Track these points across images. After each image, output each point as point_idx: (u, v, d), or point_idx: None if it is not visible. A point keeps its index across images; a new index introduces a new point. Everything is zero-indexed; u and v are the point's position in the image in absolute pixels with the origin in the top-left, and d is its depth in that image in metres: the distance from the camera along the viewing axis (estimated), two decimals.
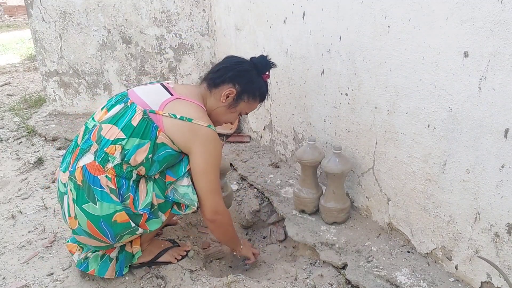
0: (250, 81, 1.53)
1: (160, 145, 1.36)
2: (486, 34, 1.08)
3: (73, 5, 3.13)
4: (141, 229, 1.39)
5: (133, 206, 1.37)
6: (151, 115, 1.36)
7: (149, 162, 1.36)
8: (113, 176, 1.35)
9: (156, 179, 1.42)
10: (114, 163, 1.34)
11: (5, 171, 2.58)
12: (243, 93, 1.53)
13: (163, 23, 3.17)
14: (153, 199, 1.40)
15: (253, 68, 1.55)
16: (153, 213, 1.42)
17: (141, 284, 1.50)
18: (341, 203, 1.69)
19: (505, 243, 1.17)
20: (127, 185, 1.36)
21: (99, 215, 1.34)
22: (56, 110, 3.48)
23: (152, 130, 1.35)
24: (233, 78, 1.51)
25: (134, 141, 1.34)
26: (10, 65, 6.00)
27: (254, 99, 1.57)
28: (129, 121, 1.36)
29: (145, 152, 1.35)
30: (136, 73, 3.32)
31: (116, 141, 1.35)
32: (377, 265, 1.47)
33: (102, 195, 1.33)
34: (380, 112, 1.52)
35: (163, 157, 1.38)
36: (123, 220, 1.34)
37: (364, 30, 1.51)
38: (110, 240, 1.39)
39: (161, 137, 1.36)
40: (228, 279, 1.50)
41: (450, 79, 1.21)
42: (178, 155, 1.41)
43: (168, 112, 1.37)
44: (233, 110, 1.56)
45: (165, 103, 1.39)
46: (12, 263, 1.65)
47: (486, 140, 1.15)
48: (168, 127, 1.36)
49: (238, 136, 2.82)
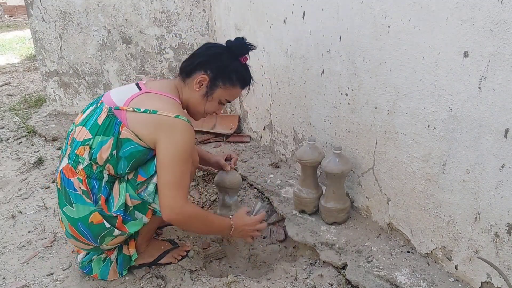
0: (222, 65, 1.43)
1: (124, 141, 1.31)
2: (486, 34, 1.08)
3: (73, 5, 3.13)
4: (118, 230, 1.37)
5: (106, 207, 1.35)
6: (116, 112, 1.33)
7: (114, 159, 1.33)
8: (84, 178, 1.35)
9: (129, 179, 1.37)
10: (84, 164, 1.34)
11: (5, 171, 2.59)
12: (216, 78, 1.43)
13: (163, 23, 3.17)
14: (127, 200, 1.36)
15: (226, 51, 1.46)
16: (129, 215, 1.38)
17: (141, 284, 1.50)
18: (341, 203, 1.69)
19: (505, 243, 1.17)
20: (99, 186, 1.36)
21: (76, 218, 1.35)
22: (56, 110, 3.48)
23: (115, 126, 1.31)
24: (204, 64, 1.43)
25: (98, 139, 1.32)
26: (10, 65, 6.00)
27: (232, 84, 1.46)
28: (95, 120, 1.35)
29: (109, 148, 1.31)
30: (136, 73, 3.32)
31: (84, 141, 1.34)
32: (377, 265, 1.47)
33: (76, 197, 1.34)
34: (380, 112, 1.52)
35: (129, 153, 1.33)
36: (98, 221, 1.35)
37: (364, 30, 1.51)
38: (92, 242, 1.39)
39: (125, 132, 1.31)
40: (228, 279, 1.50)
41: (450, 79, 1.21)
42: (146, 151, 1.34)
43: (132, 107, 1.32)
44: (210, 98, 1.46)
45: (131, 98, 1.35)
46: (12, 263, 1.65)
47: (486, 140, 1.15)
48: (132, 122, 1.31)
49: (238, 136, 2.82)
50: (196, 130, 2.95)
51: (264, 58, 2.32)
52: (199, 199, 2.16)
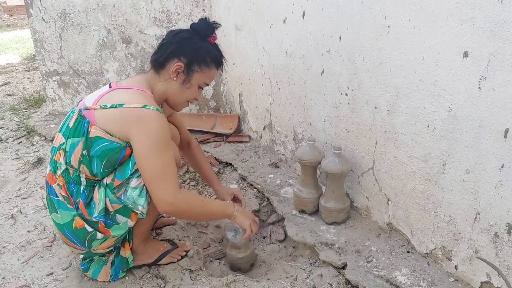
0: (194, 49, 1.40)
1: (94, 140, 1.29)
2: (486, 34, 1.08)
3: (73, 5, 3.12)
4: (101, 234, 1.36)
5: (86, 212, 1.35)
6: (85, 113, 1.31)
7: (87, 159, 1.31)
8: (63, 183, 1.35)
9: (107, 184, 1.34)
10: (62, 169, 1.34)
11: (5, 170, 2.58)
12: (192, 63, 1.40)
13: (163, 23, 3.17)
14: (107, 205, 1.34)
15: (194, 34, 1.42)
16: (111, 219, 1.37)
17: (141, 284, 1.50)
18: (341, 203, 1.69)
19: (505, 243, 1.18)
20: (77, 191, 1.35)
21: (62, 224, 1.37)
22: (56, 110, 3.48)
23: (84, 126, 1.30)
24: (176, 52, 1.39)
25: (70, 142, 1.32)
26: (10, 65, 5.99)
27: (207, 66, 1.43)
28: (67, 124, 1.35)
29: (80, 149, 1.31)
30: (136, 73, 3.32)
31: (60, 146, 1.34)
32: (376, 265, 1.47)
33: (59, 204, 1.35)
34: (380, 112, 1.52)
35: (100, 151, 1.29)
36: (80, 225, 1.35)
37: (364, 30, 1.51)
38: (81, 246, 1.40)
39: (94, 130, 1.28)
40: (228, 279, 1.50)
41: (450, 79, 1.21)
42: (118, 148, 1.30)
43: (100, 104, 1.30)
44: (188, 85, 1.43)
45: (100, 96, 1.33)
46: (12, 263, 1.65)
47: (486, 140, 1.15)
48: (100, 119, 1.29)
49: (238, 136, 2.82)
50: (196, 130, 2.96)
51: (264, 58, 2.32)
52: None
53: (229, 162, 2.45)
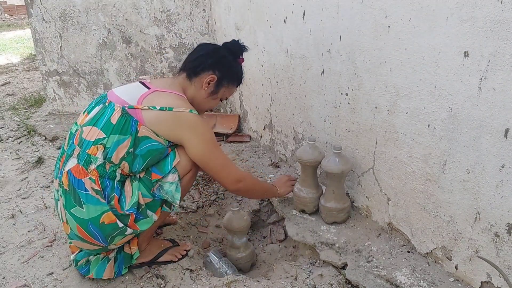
0: (229, 67, 1.56)
1: (142, 139, 1.36)
2: (486, 34, 1.08)
3: (73, 5, 3.13)
4: (130, 229, 1.39)
5: (119, 207, 1.37)
6: (130, 111, 1.36)
7: (131, 157, 1.35)
8: (97, 177, 1.35)
9: (141, 178, 1.41)
10: (97, 163, 1.35)
11: (5, 170, 2.59)
12: (223, 79, 1.54)
13: (163, 23, 3.17)
14: (139, 199, 1.39)
15: (229, 53, 1.57)
16: (141, 213, 1.41)
17: (141, 283, 1.51)
18: (341, 203, 1.69)
19: (505, 243, 1.17)
20: (111, 186, 1.37)
21: (87, 218, 1.35)
22: (56, 109, 3.48)
23: (132, 125, 1.35)
24: (213, 65, 1.52)
25: (114, 138, 1.34)
26: (10, 65, 6.00)
27: (233, 84, 1.60)
28: (108, 119, 1.36)
29: (126, 147, 1.34)
30: (136, 73, 3.32)
31: (97, 141, 1.35)
32: (377, 265, 1.47)
33: (87, 198, 1.34)
34: (380, 112, 1.52)
35: (146, 150, 1.37)
36: (110, 221, 1.35)
37: (364, 30, 1.51)
38: (101, 242, 1.39)
39: (143, 130, 1.36)
40: (228, 279, 1.50)
41: (450, 79, 1.21)
42: (163, 149, 1.41)
43: (147, 105, 1.37)
44: (214, 96, 1.57)
45: (143, 97, 1.39)
46: (12, 263, 1.65)
47: (486, 140, 1.15)
48: (149, 120, 1.36)
49: (238, 136, 2.82)
50: None
51: (264, 57, 2.32)
52: (199, 199, 2.16)
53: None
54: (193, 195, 2.19)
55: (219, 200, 2.18)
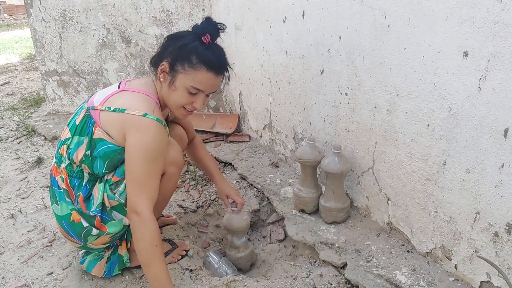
0: (180, 47, 1.29)
1: (97, 141, 1.30)
2: (486, 33, 1.08)
3: (73, 5, 3.12)
4: (96, 229, 1.37)
5: (84, 206, 1.36)
6: (91, 112, 1.32)
7: (89, 159, 1.33)
8: (66, 176, 1.37)
9: (107, 179, 1.37)
10: (66, 163, 1.36)
11: (4, 170, 2.58)
12: (174, 63, 1.29)
13: (163, 23, 3.17)
14: (105, 200, 1.36)
15: (189, 33, 1.32)
16: (107, 215, 1.38)
17: (141, 283, 1.50)
18: (340, 203, 1.69)
19: (505, 242, 1.18)
20: (79, 185, 1.37)
21: (61, 215, 1.38)
22: (56, 109, 3.48)
23: (89, 126, 1.32)
24: (164, 51, 1.32)
25: (75, 139, 1.34)
26: (9, 65, 5.99)
27: (192, 67, 1.28)
28: (75, 120, 1.36)
29: (84, 149, 1.32)
30: (136, 73, 3.32)
31: (65, 141, 1.36)
32: (376, 265, 1.47)
33: (60, 195, 1.37)
34: (380, 111, 1.52)
35: (103, 152, 1.31)
36: (77, 220, 1.36)
37: (364, 29, 1.51)
38: (77, 240, 1.40)
39: (98, 132, 1.30)
40: (227, 278, 1.50)
41: (450, 79, 1.21)
42: (120, 150, 1.31)
43: (105, 106, 1.30)
44: (173, 87, 1.31)
45: (107, 97, 1.32)
46: (11, 263, 1.65)
47: (485, 140, 1.15)
48: (104, 121, 1.30)
49: (238, 136, 2.82)
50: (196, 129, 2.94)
51: (264, 57, 2.32)
52: (199, 199, 2.16)
53: (229, 161, 2.45)
54: (192, 194, 2.19)
55: (219, 199, 2.18)
